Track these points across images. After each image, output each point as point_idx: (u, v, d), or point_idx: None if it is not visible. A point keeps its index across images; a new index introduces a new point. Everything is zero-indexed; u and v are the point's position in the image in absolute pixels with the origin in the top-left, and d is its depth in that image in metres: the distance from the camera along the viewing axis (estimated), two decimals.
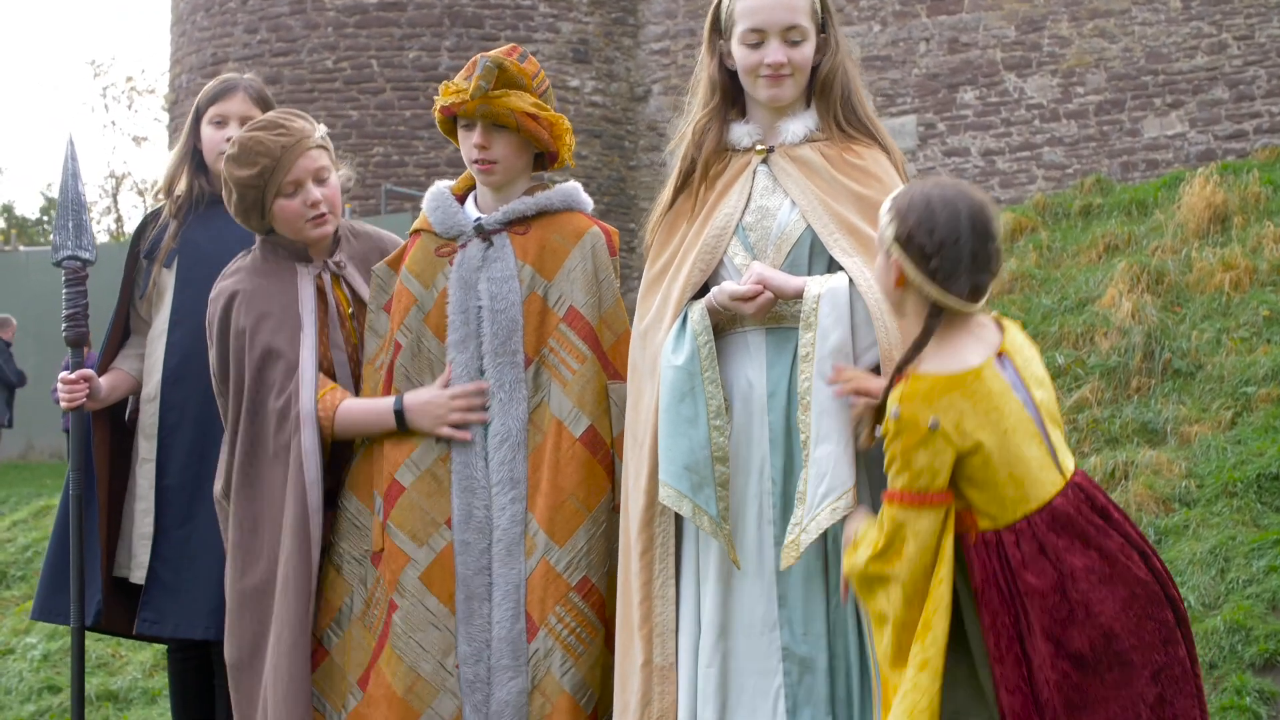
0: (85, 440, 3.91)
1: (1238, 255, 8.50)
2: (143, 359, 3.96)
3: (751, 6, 3.06)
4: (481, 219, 3.38)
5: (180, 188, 3.98)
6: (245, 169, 3.41)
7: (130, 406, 4.01)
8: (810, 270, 3.02)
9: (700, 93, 3.19)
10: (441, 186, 3.47)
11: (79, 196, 4.04)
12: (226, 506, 3.47)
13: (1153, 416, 7.16)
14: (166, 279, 3.92)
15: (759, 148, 3.13)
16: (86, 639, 4.11)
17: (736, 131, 3.15)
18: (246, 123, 3.88)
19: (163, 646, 5.38)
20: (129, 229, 32.67)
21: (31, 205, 47.68)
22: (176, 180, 4.00)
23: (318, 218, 3.47)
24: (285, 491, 3.34)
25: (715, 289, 3.03)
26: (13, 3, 55.14)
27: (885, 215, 2.72)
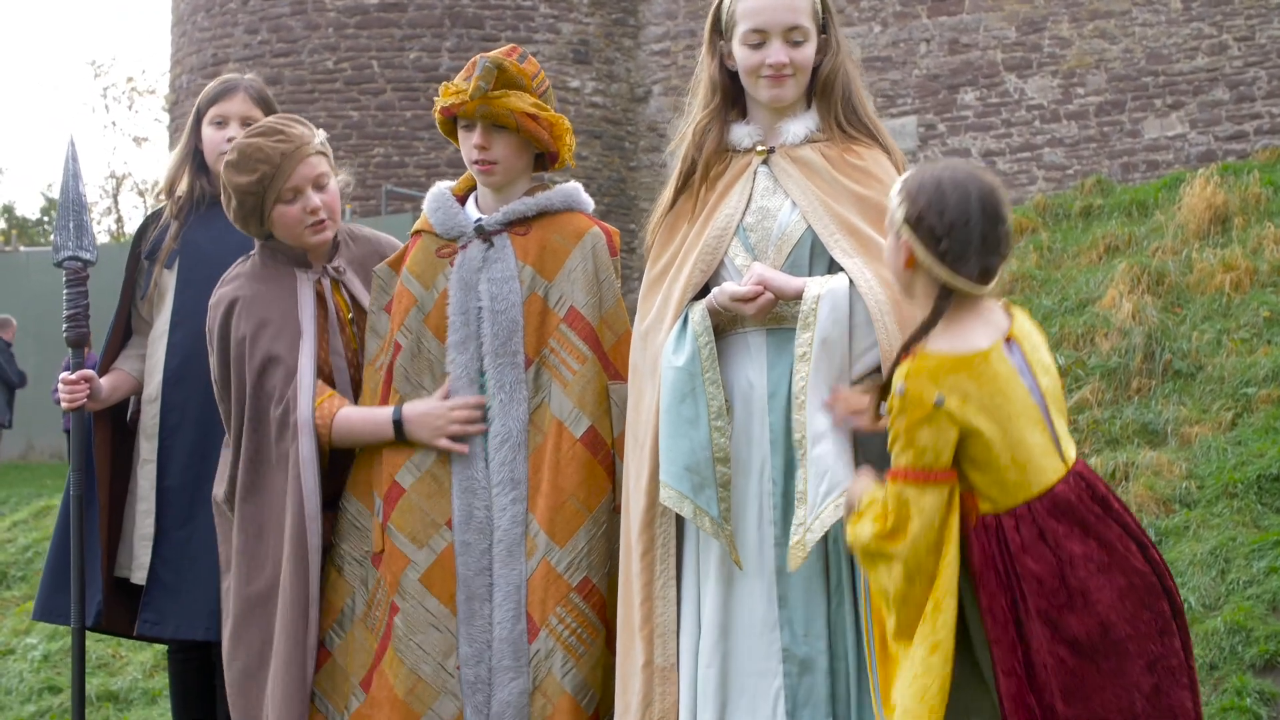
0: (86, 441, 3.91)
1: (1238, 256, 8.50)
2: (144, 360, 3.96)
3: (753, 7, 3.06)
4: (482, 220, 3.38)
5: (181, 188, 3.98)
6: (245, 175, 3.40)
7: (132, 407, 4.01)
8: (811, 271, 3.02)
9: (701, 93, 3.19)
10: (442, 187, 3.47)
11: (80, 197, 4.04)
12: (225, 511, 3.47)
13: (1153, 417, 7.16)
14: (168, 280, 3.92)
15: (760, 148, 3.12)
16: (87, 639, 4.10)
17: (737, 132, 3.15)
18: (247, 123, 3.88)
19: (163, 647, 5.39)
20: (129, 229, 32.68)
21: (32, 206, 47.69)
22: (177, 181, 4.00)
23: (317, 224, 3.46)
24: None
25: (716, 290, 3.02)
26: (13, 3, 55.17)
27: (896, 197, 2.72)
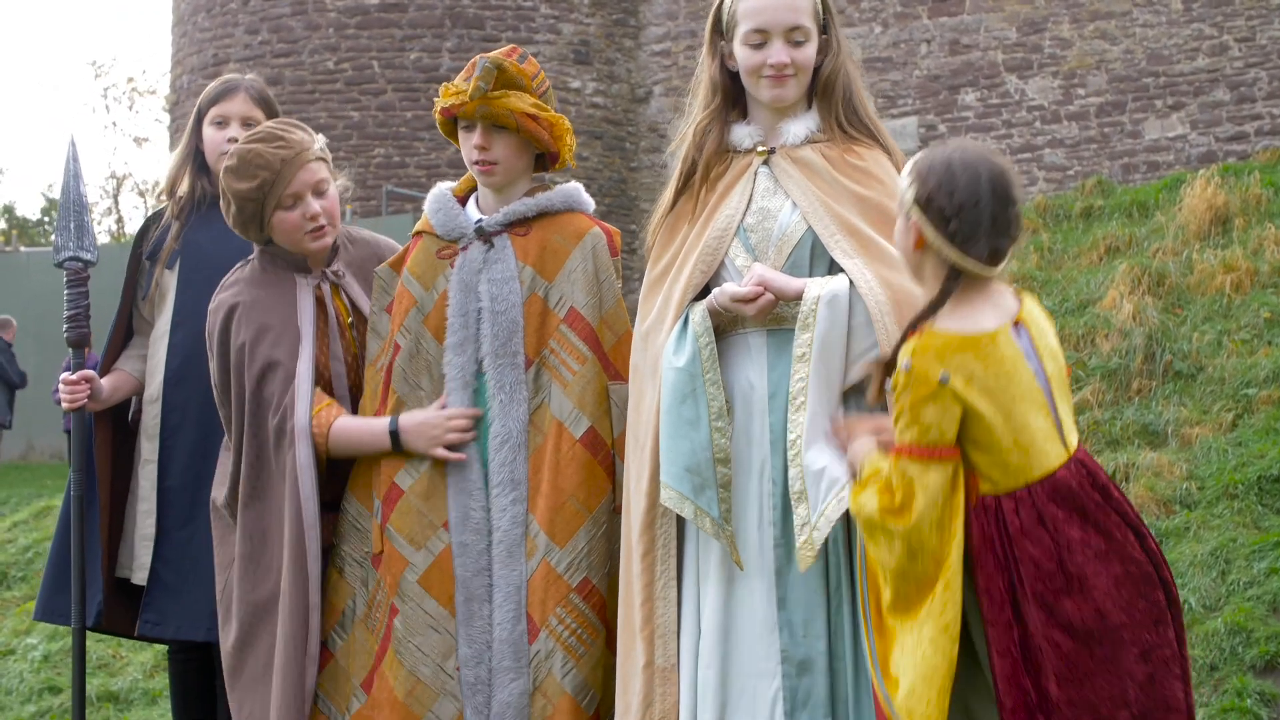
0: (87, 441, 3.91)
1: (1239, 257, 8.51)
2: (145, 360, 3.96)
3: (755, 7, 3.05)
4: (482, 221, 3.37)
5: (182, 189, 3.98)
6: (244, 182, 3.39)
7: (133, 407, 4.01)
8: (811, 272, 3.02)
9: (701, 94, 3.18)
10: (443, 188, 3.47)
11: (81, 198, 4.04)
12: (224, 515, 3.47)
13: (1154, 418, 7.16)
14: (169, 280, 3.92)
15: (760, 149, 3.12)
16: (87, 639, 4.10)
17: (738, 133, 3.15)
18: (248, 123, 3.88)
19: (163, 647, 5.38)
20: (130, 230, 32.69)
21: (32, 206, 47.70)
22: (179, 181, 4.00)
23: (317, 230, 3.45)
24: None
25: (716, 290, 3.02)
26: (13, 3, 55.17)
27: (906, 178, 2.71)
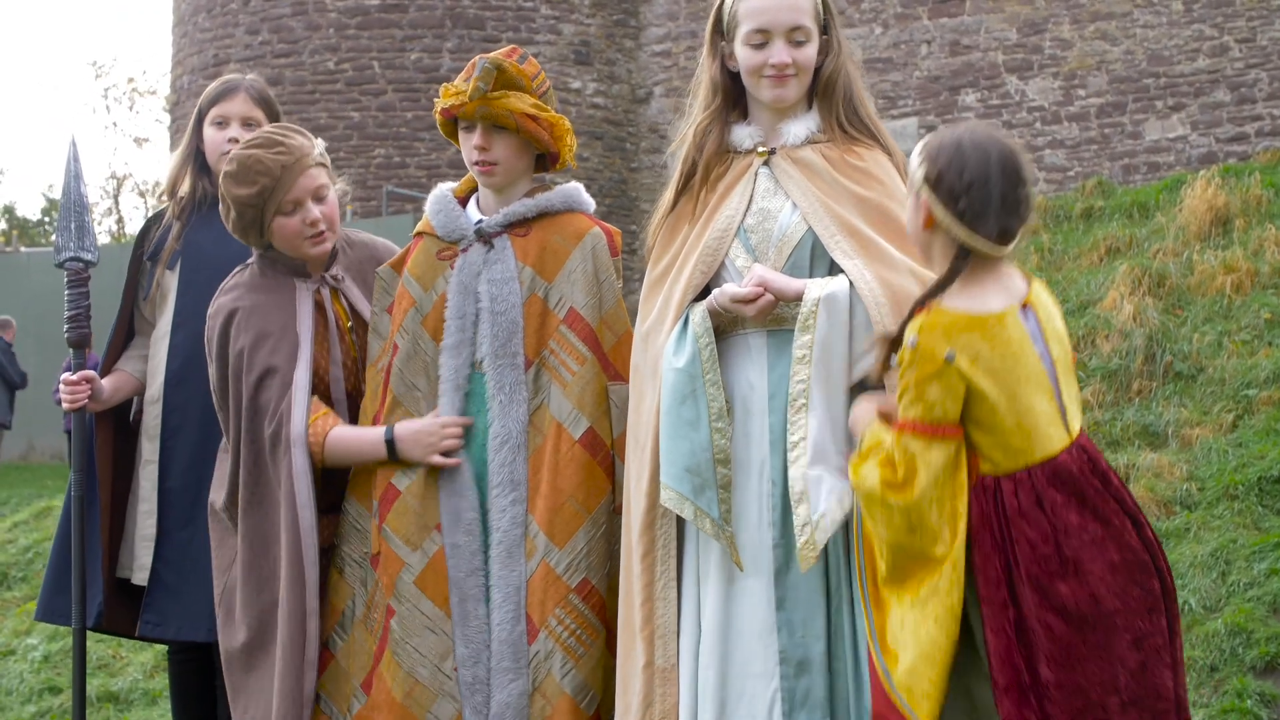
0: (88, 441, 3.91)
1: (1239, 258, 8.51)
2: (146, 360, 3.96)
3: (756, 7, 3.06)
4: (482, 222, 3.37)
5: (183, 189, 3.98)
6: (244, 188, 3.38)
7: (134, 408, 4.01)
8: (811, 272, 3.02)
9: (701, 94, 3.18)
10: (444, 189, 3.46)
11: (81, 198, 4.04)
12: (223, 518, 3.47)
13: (1154, 419, 7.16)
14: (170, 281, 3.91)
15: (760, 150, 3.12)
16: (88, 640, 4.10)
17: (738, 133, 3.15)
18: (248, 123, 3.88)
19: (163, 648, 5.38)
20: (131, 230, 32.72)
21: (33, 206, 47.74)
22: (179, 181, 4.00)
23: (316, 235, 3.45)
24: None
25: (716, 291, 3.02)
26: (13, 3, 55.18)
27: (916, 158, 2.72)
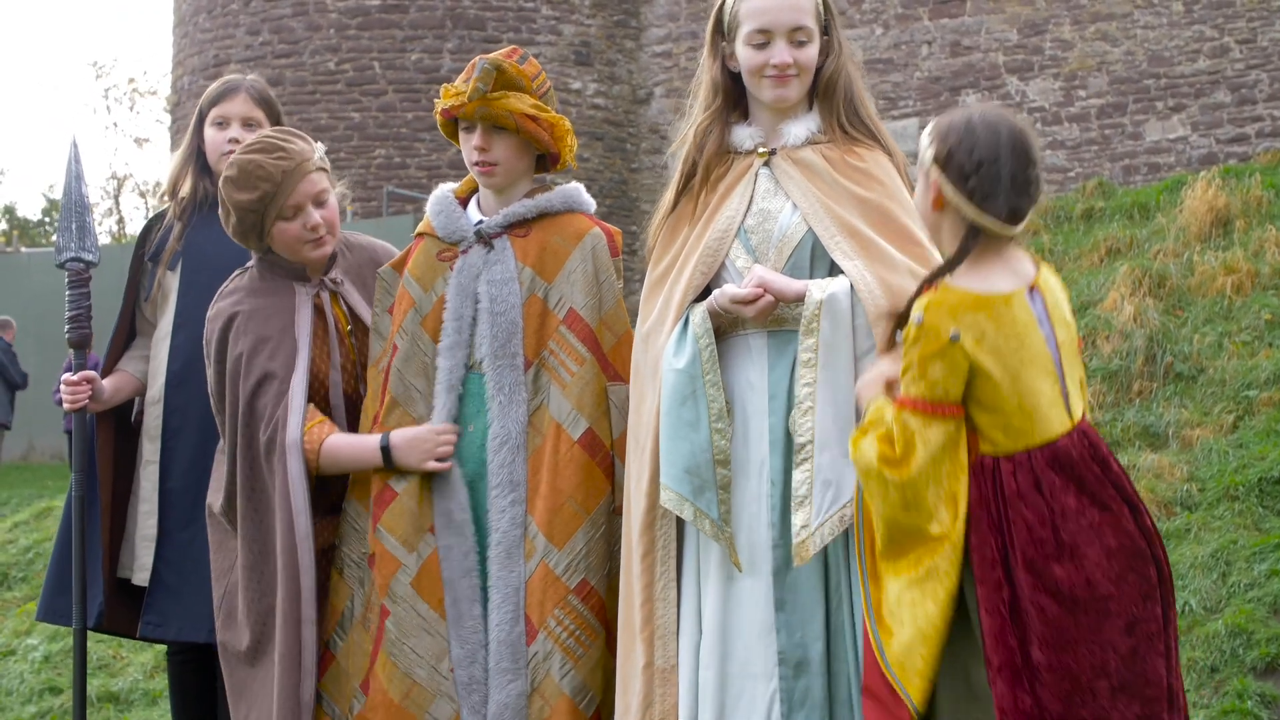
0: (89, 442, 3.91)
1: (1239, 259, 8.51)
2: (147, 361, 3.96)
3: (758, 7, 3.05)
4: (482, 224, 3.37)
5: (184, 190, 3.97)
6: (245, 193, 3.37)
7: (136, 408, 4.01)
8: (812, 273, 3.02)
9: (702, 95, 3.18)
10: (445, 190, 3.46)
11: (82, 199, 4.04)
12: (221, 521, 3.47)
13: (1154, 420, 7.16)
14: (171, 281, 3.91)
15: (761, 150, 3.12)
16: (88, 640, 4.10)
17: (738, 134, 3.15)
18: (249, 123, 3.88)
19: (164, 648, 5.39)
20: (131, 231, 32.73)
21: (33, 206, 47.73)
22: (180, 182, 4.00)
23: (317, 240, 3.45)
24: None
25: (716, 292, 3.02)
26: (14, 3, 55.19)
27: (926, 138, 2.72)
